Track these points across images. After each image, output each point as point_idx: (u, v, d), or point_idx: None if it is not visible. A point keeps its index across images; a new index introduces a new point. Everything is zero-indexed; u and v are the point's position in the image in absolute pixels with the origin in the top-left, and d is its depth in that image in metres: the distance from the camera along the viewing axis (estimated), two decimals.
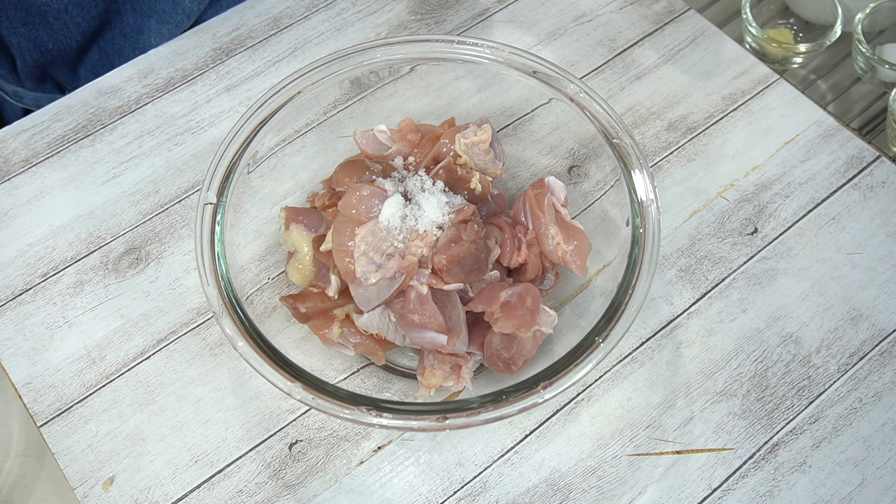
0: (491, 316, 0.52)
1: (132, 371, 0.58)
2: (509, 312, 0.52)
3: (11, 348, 0.59)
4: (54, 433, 0.56)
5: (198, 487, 0.54)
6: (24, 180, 0.66)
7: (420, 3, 0.76)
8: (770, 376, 0.59)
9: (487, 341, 0.53)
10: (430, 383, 0.53)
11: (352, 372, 0.58)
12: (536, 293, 0.53)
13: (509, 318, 0.51)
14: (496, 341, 0.53)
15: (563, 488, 0.55)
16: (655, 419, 0.57)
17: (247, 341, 0.47)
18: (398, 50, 0.56)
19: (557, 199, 0.57)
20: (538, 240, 0.56)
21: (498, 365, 0.53)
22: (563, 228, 0.56)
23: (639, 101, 0.70)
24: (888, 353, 0.59)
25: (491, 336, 0.53)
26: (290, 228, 0.55)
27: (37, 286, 0.62)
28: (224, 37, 0.74)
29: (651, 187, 0.52)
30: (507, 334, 0.52)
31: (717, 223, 0.65)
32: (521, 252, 0.56)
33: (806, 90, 0.74)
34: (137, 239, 0.64)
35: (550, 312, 0.53)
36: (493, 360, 0.53)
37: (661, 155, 0.68)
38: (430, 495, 0.55)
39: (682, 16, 0.75)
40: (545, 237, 0.56)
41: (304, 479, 0.55)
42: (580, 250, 0.56)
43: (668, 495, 0.54)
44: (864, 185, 0.66)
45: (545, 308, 0.53)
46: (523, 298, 0.52)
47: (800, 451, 0.56)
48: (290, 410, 0.57)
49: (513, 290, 0.52)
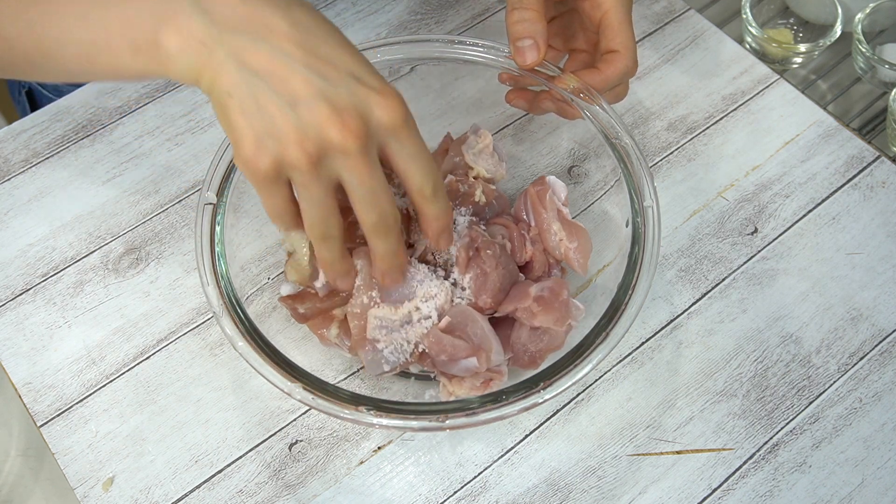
0: (527, 311, 0.52)
1: (132, 371, 0.58)
2: (547, 306, 0.51)
3: (11, 348, 0.59)
4: (54, 433, 0.56)
5: (198, 487, 0.54)
6: (24, 180, 0.66)
7: (420, 3, 0.76)
8: (770, 376, 0.59)
9: (515, 337, 0.53)
10: (453, 391, 0.52)
11: (352, 372, 0.58)
12: (567, 286, 0.53)
13: (549, 312, 0.51)
14: (524, 336, 0.52)
15: (563, 488, 0.55)
16: (655, 419, 0.57)
17: (247, 341, 0.47)
18: (398, 50, 0.56)
19: (558, 197, 0.57)
20: (541, 236, 0.56)
21: (524, 360, 0.53)
22: (565, 226, 0.56)
23: (639, 101, 0.70)
24: (888, 353, 0.59)
25: (519, 331, 0.52)
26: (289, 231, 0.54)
27: (37, 286, 0.62)
28: None
29: (651, 187, 0.52)
30: (537, 328, 0.52)
31: (717, 223, 0.65)
32: (527, 248, 0.56)
33: (806, 90, 0.74)
34: (137, 239, 0.64)
35: (579, 306, 0.53)
36: (519, 356, 0.53)
37: (661, 155, 0.68)
38: (430, 495, 0.55)
39: (682, 16, 0.75)
40: (548, 233, 0.56)
41: (304, 479, 0.55)
42: (582, 248, 0.56)
43: (668, 495, 0.54)
44: (864, 185, 0.66)
45: (574, 301, 0.53)
46: (557, 292, 0.52)
47: (800, 451, 0.56)
48: (290, 410, 0.57)
49: (542, 284, 0.52)
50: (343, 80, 0.41)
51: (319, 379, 0.46)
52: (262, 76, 0.40)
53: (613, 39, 0.54)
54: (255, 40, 0.40)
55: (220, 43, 0.40)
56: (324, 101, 0.40)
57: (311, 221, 0.44)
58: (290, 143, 0.40)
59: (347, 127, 0.40)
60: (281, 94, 0.40)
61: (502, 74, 0.57)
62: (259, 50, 0.40)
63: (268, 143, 0.40)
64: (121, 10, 0.42)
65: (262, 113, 0.40)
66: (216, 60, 0.40)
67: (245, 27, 0.40)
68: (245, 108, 0.40)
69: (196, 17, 0.40)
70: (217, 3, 0.40)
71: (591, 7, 0.54)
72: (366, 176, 0.42)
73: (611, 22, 0.53)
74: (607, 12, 0.53)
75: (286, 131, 0.40)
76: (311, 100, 0.40)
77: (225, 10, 0.40)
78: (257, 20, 0.40)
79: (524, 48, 0.53)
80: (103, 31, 0.42)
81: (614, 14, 0.53)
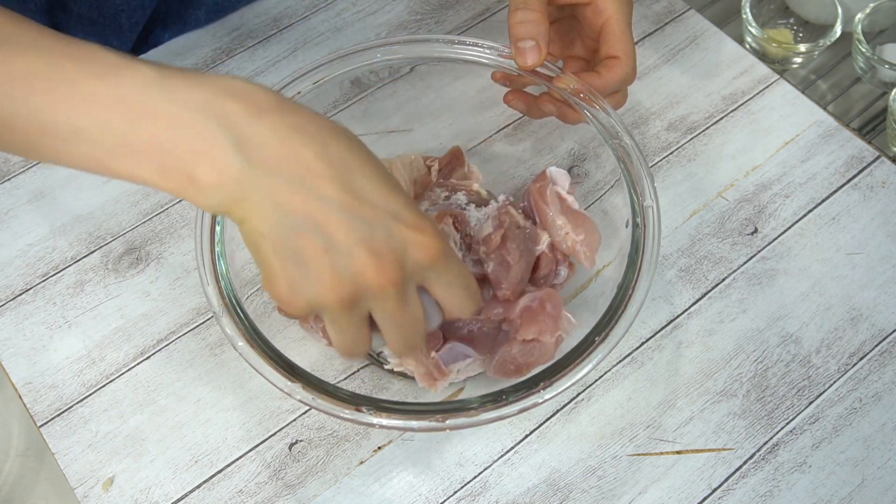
0: (512, 324, 0.52)
1: (132, 371, 0.58)
2: (531, 318, 0.51)
3: (11, 348, 0.59)
4: (54, 433, 0.56)
5: (198, 487, 0.54)
6: (24, 180, 0.66)
7: (420, 3, 0.76)
8: (770, 376, 0.59)
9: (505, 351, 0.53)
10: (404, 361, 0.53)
11: (352, 372, 0.58)
12: (559, 300, 0.53)
13: (532, 324, 0.51)
14: (515, 350, 0.52)
15: (563, 488, 0.55)
16: (655, 419, 0.57)
17: (247, 341, 0.47)
18: (398, 50, 0.56)
19: (561, 187, 0.57)
20: (548, 232, 0.56)
21: (509, 369, 0.53)
22: (570, 218, 0.56)
23: (639, 101, 0.70)
24: (888, 353, 0.59)
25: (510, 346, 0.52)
26: None
27: (37, 286, 0.62)
28: (224, 37, 0.74)
29: (651, 187, 0.52)
30: (529, 341, 0.52)
31: (717, 223, 0.65)
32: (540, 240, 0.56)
33: (806, 90, 0.74)
34: (137, 239, 0.64)
35: (571, 319, 0.52)
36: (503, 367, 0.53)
37: (661, 155, 0.68)
38: (430, 495, 0.55)
39: (682, 16, 0.75)
40: (553, 228, 0.56)
41: (304, 479, 0.55)
42: (589, 240, 0.56)
43: (668, 495, 0.54)
44: (864, 185, 0.66)
45: (566, 314, 0.53)
46: (544, 304, 0.52)
47: (800, 451, 0.56)
48: (290, 410, 0.57)
49: (534, 295, 0.52)
50: (381, 220, 0.40)
51: (319, 379, 0.46)
52: (298, 220, 0.39)
53: (614, 46, 0.54)
54: (292, 182, 0.39)
55: (257, 184, 0.39)
56: (361, 247, 0.39)
57: (339, 345, 0.44)
58: (326, 289, 0.40)
59: (385, 274, 0.40)
60: (316, 239, 0.39)
61: (496, 73, 0.57)
62: (296, 192, 0.39)
63: (302, 286, 0.40)
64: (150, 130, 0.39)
65: (296, 257, 0.39)
66: (251, 201, 0.39)
67: (282, 169, 0.39)
68: (279, 250, 0.39)
69: (233, 156, 0.38)
70: (254, 143, 0.39)
71: (592, 13, 0.54)
72: (398, 314, 0.42)
73: (612, 29, 0.54)
74: (609, 19, 0.54)
75: (321, 277, 0.39)
76: (347, 245, 0.39)
77: (262, 150, 0.39)
78: (294, 161, 0.39)
79: (526, 49, 0.53)
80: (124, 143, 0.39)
81: (616, 21, 0.54)
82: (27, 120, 0.39)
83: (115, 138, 0.39)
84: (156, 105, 0.39)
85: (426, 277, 0.42)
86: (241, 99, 0.39)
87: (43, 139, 0.40)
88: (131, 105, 0.39)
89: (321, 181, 0.39)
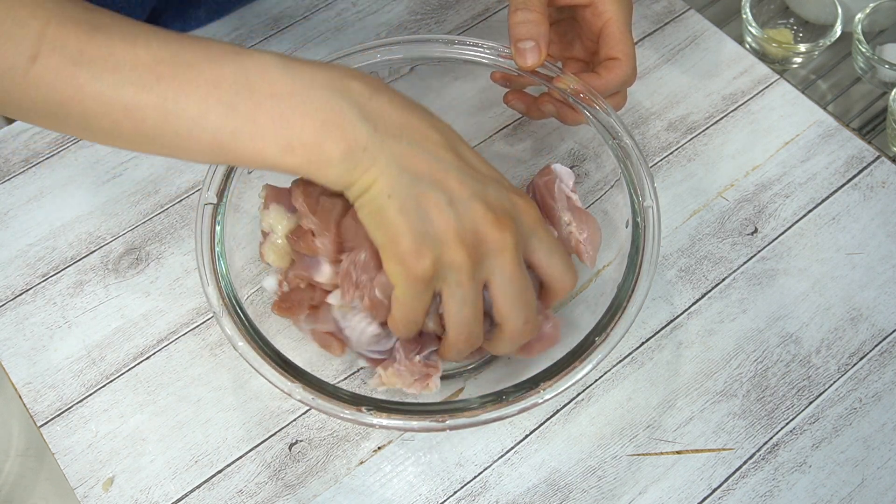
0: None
1: (132, 371, 0.58)
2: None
3: (11, 348, 0.59)
4: (54, 433, 0.56)
5: (198, 487, 0.55)
6: (24, 180, 0.66)
7: (420, 3, 0.76)
8: (770, 376, 0.59)
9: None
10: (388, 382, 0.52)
11: (352, 372, 0.58)
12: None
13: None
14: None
15: (563, 488, 0.55)
16: (655, 419, 0.57)
17: (247, 341, 0.47)
18: (398, 50, 0.56)
19: (567, 185, 0.57)
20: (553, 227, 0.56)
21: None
22: (575, 215, 0.56)
23: (639, 102, 0.70)
24: (888, 353, 0.59)
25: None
26: (269, 208, 0.53)
27: (37, 286, 0.62)
28: (224, 36, 0.74)
29: (651, 187, 0.52)
30: None
31: (717, 223, 0.65)
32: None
33: (806, 90, 0.74)
34: (137, 239, 0.64)
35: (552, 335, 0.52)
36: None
37: (661, 155, 0.68)
38: (430, 495, 0.55)
39: (681, 16, 0.75)
40: (559, 224, 0.56)
41: (304, 479, 0.55)
42: (592, 239, 0.56)
43: (668, 495, 0.54)
44: (864, 185, 0.66)
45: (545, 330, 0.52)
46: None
47: (800, 451, 0.56)
48: (290, 410, 0.57)
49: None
50: (490, 182, 0.44)
51: (319, 379, 0.47)
52: (422, 178, 0.42)
53: (614, 48, 0.54)
54: (413, 147, 0.42)
55: (384, 150, 0.42)
56: (479, 201, 0.42)
57: (461, 322, 0.45)
58: (451, 241, 0.42)
59: (503, 224, 0.43)
60: (439, 195, 0.42)
61: (495, 73, 0.58)
62: (417, 155, 0.42)
63: (428, 241, 0.42)
64: (277, 109, 0.41)
65: (420, 212, 0.42)
66: (379, 167, 0.41)
67: (403, 135, 0.42)
68: (405, 207, 0.41)
69: (360, 126, 0.41)
70: (377, 114, 0.42)
71: (592, 15, 0.55)
72: (517, 275, 0.44)
73: (612, 31, 0.54)
74: (609, 21, 0.54)
75: (445, 229, 0.42)
76: (467, 200, 0.42)
77: (385, 119, 0.42)
78: (413, 129, 0.43)
79: (525, 49, 0.53)
80: (251, 123, 0.40)
81: (616, 23, 0.54)
82: (153, 109, 0.40)
83: (241, 120, 0.41)
84: (282, 85, 0.41)
85: (530, 245, 0.45)
86: (358, 79, 0.43)
87: (166, 126, 0.41)
88: (257, 87, 0.41)
89: (436, 146, 0.43)
